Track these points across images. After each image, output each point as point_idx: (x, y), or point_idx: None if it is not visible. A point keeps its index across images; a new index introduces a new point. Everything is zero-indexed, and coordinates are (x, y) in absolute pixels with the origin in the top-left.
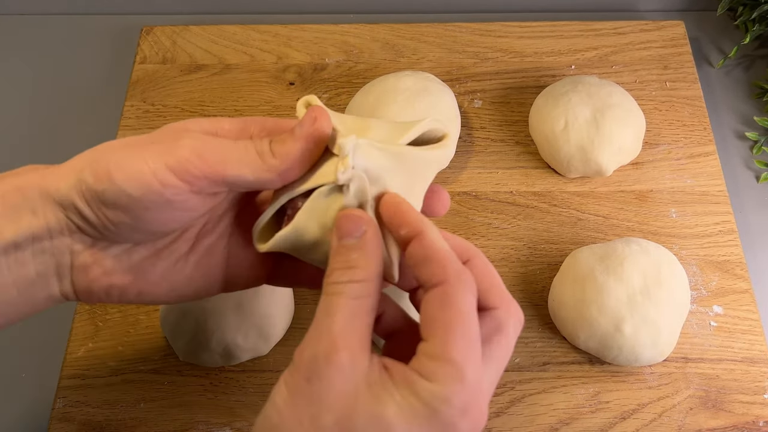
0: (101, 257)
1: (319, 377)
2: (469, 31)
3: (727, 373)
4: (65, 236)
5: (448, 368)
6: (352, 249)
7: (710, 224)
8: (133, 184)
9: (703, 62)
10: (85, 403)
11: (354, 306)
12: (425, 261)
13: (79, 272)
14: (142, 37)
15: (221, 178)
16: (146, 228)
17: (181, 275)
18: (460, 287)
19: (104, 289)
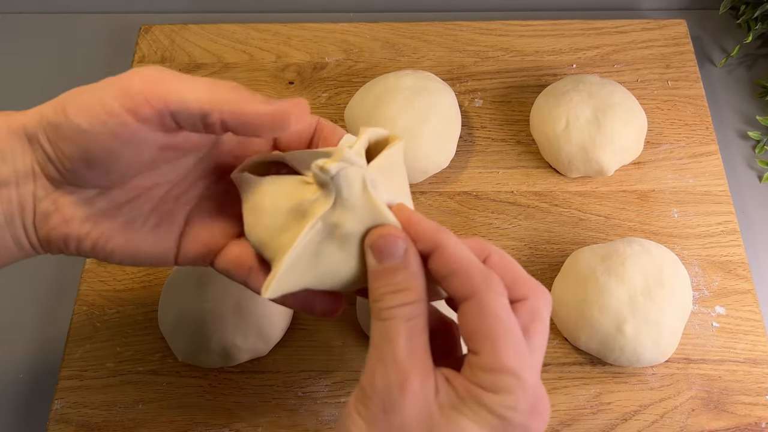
0: (61, 204)
1: (395, 407)
2: (470, 29)
3: (729, 374)
4: (30, 182)
5: (508, 378)
6: (397, 270)
7: (712, 224)
8: (83, 116)
9: (705, 61)
10: (83, 404)
11: (411, 328)
12: (451, 275)
13: (41, 219)
14: (141, 36)
15: (163, 103)
16: (99, 164)
17: (136, 234)
18: (491, 294)
19: (62, 237)
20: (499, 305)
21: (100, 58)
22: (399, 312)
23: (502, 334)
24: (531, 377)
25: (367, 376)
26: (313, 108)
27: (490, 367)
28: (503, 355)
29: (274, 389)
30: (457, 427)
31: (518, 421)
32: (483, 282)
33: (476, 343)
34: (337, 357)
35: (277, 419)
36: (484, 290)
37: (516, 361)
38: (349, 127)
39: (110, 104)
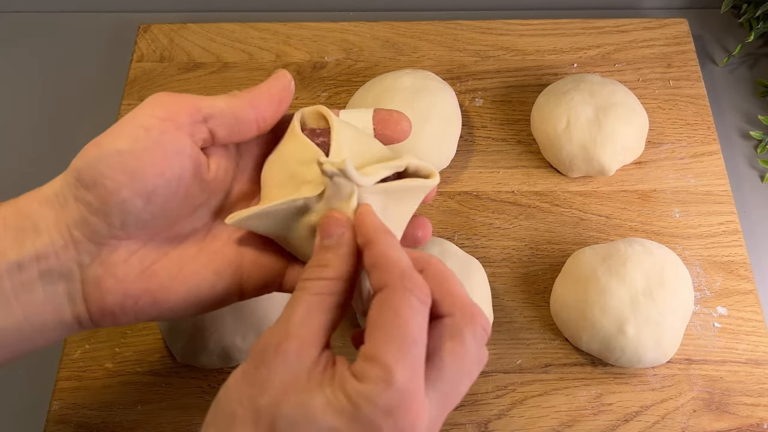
0: (111, 265)
1: (265, 363)
2: (470, 28)
3: (731, 375)
4: (70, 250)
5: (376, 369)
6: (328, 249)
7: (714, 224)
8: (120, 140)
9: (706, 60)
10: (82, 405)
11: (314, 301)
12: (373, 268)
13: (91, 286)
14: (140, 35)
15: (196, 108)
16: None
17: (194, 275)
18: (399, 290)
19: (119, 302)
20: (403, 303)
21: (99, 57)
22: (311, 284)
23: (392, 328)
24: (403, 379)
25: (259, 337)
26: None
27: (368, 355)
28: (382, 346)
29: None
30: (309, 399)
31: (368, 414)
32: (397, 278)
33: (368, 332)
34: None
35: None
36: (394, 284)
37: (393, 358)
38: None
39: (146, 120)
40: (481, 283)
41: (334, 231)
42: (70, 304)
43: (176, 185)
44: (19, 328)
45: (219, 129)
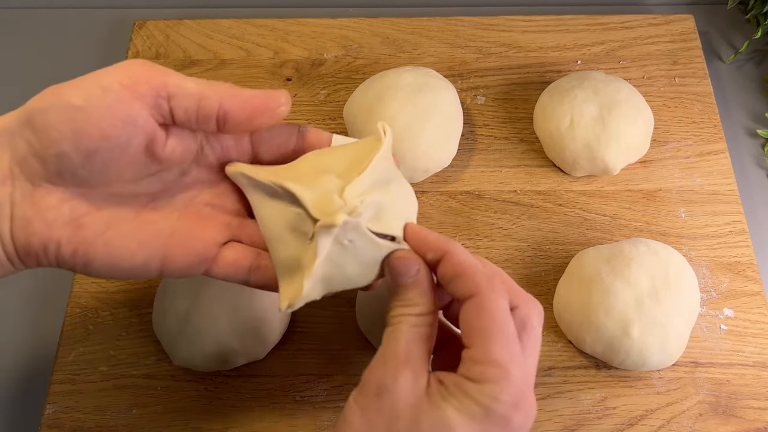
0: (42, 206)
1: (387, 391)
2: (472, 25)
3: (737, 378)
4: (6, 184)
5: (493, 369)
6: (409, 288)
7: (720, 224)
8: (78, 94)
9: (713, 57)
10: (76, 409)
11: (414, 332)
12: (457, 277)
13: (20, 226)
14: (135, 31)
15: (162, 83)
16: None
17: (118, 242)
18: (491, 295)
19: (42, 244)
20: (497, 305)
21: (93, 53)
22: (405, 319)
23: (495, 329)
24: (518, 373)
25: (369, 368)
26: (312, 105)
27: (479, 359)
28: (492, 348)
29: (272, 393)
30: (441, 413)
31: (500, 411)
32: (485, 283)
33: (470, 338)
34: (336, 360)
35: (274, 424)
36: (485, 290)
37: (504, 355)
38: (348, 125)
39: (108, 82)
40: None
41: (407, 270)
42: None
43: (120, 152)
44: None
45: (178, 111)
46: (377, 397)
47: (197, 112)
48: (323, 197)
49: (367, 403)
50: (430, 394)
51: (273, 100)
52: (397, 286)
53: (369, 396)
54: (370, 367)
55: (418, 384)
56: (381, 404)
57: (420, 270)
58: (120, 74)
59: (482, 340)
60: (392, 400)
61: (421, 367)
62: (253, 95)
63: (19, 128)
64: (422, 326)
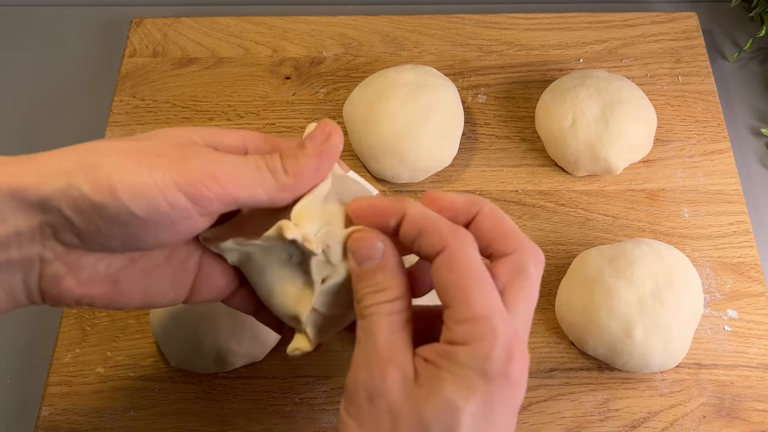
0: (76, 267)
1: (379, 394)
2: (473, 23)
3: (742, 380)
4: (36, 243)
5: (477, 326)
6: (376, 271)
7: (724, 224)
8: (139, 203)
9: (716, 55)
10: (72, 411)
11: (391, 323)
12: (420, 235)
13: (50, 281)
14: (132, 29)
15: (234, 200)
16: (138, 244)
17: (154, 285)
18: (460, 246)
19: (75, 298)
20: (468, 256)
21: (90, 52)
22: (379, 308)
23: (471, 283)
24: (503, 324)
25: (351, 373)
26: (311, 104)
27: (461, 317)
28: (473, 303)
29: (270, 395)
30: (440, 396)
31: (496, 369)
32: (451, 235)
33: (448, 297)
34: (336, 362)
35: (273, 426)
36: (453, 242)
37: (485, 309)
38: (348, 124)
39: (175, 197)
40: None
41: (372, 252)
42: (25, 294)
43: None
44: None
45: (250, 207)
46: (370, 403)
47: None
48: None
49: (361, 413)
50: (421, 381)
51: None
52: (362, 271)
53: (361, 405)
54: (353, 370)
55: (406, 378)
56: (376, 411)
57: (386, 250)
58: (186, 184)
59: (460, 295)
60: (387, 402)
61: (406, 358)
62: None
63: (60, 201)
64: (398, 313)
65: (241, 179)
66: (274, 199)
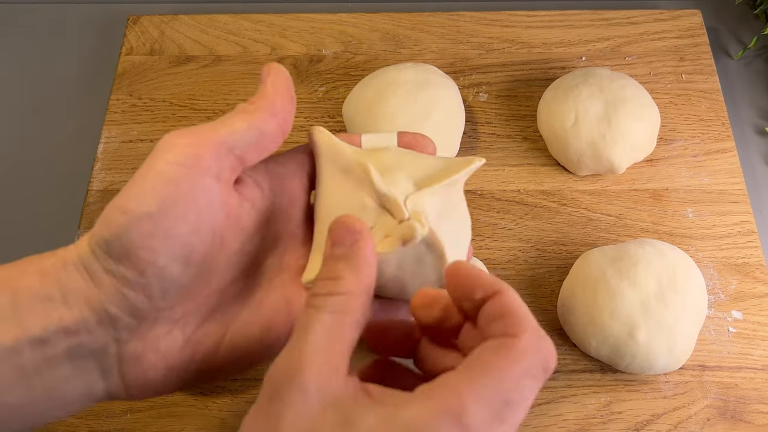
0: (153, 339)
1: (279, 397)
2: (474, 20)
3: (746, 382)
4: (105, 326)
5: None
6: (339, 258)
7: (729, 225)
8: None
9: (721, 53)
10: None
11: (330, 321)
12: (501, 317)
13: (130, 363)
14: (128, 26)
15: (217, 142)
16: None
17: (239, 335)
18: (533, 338)
19: (161, 377)
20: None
21: (86, 49)
22: (323, 301)
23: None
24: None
25: (273, 362)
26: (310, 103)
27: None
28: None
29: None
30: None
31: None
32: (533, 326)
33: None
34: None
35: None
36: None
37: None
38: (348, 122)
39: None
40: None
41: (344, 238)
42: (103, 380)
43: (212, 238)
44: (36, 404)
45: (247, 153)
46: (269, 400)
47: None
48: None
49: (259, 405)
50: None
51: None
52: (330, 254)
53: (262, 396)
54: (276, 358)
55: (322, 391)
56: (270, 411)
57: (358, 242)
58: (174, 155)
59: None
60: (282, 408)
61: (332, 368)
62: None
63: (101, 264)
64: (344, 312)
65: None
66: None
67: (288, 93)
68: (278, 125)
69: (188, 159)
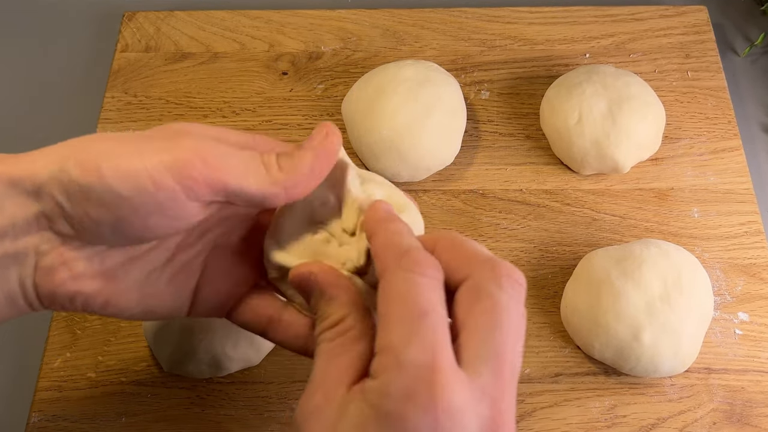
0: (71, 259)
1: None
2: (476, 16)
3: (753, 385)
4: (32, 234)
5: (384, 357)
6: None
7: (735, 225)
8: (125, 183)
9: (727, 50)
10: (63, 417)
11: (328, 348)
12: (375, 258)
13: (44, 275)
14: (124, 23)
15: (222, 187)
16: (128, 231)
17: (152, 288)
18: (397, 271)
19: (69, 295)
20: (400, 281)
21: (81, 46)
22: (321, 336)
23: (394, 308)
24: (415, 355)
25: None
26: (309, 101)
27: (377, 347)
28: (389, 331)
29: (267, 401)
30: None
31: (386, 407)
32: (393, 260)
33: (377, 326)
34: None
35: None
36: (392, 268)
37: (398, 338)
38: (347, 121)
39: (161, 177)
40: None
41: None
42: (20, 289)
43: (161, 235)
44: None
45: (239, 203)
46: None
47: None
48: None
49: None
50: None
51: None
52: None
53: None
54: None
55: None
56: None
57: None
58: (176, 168)
59: (381, 323)
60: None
61: (336, 383)
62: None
63: (54, 187)
64: (340, 335)
65: (232, 166)
66: (265, 194)
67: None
68: (284, 199)
69: (186, 178)
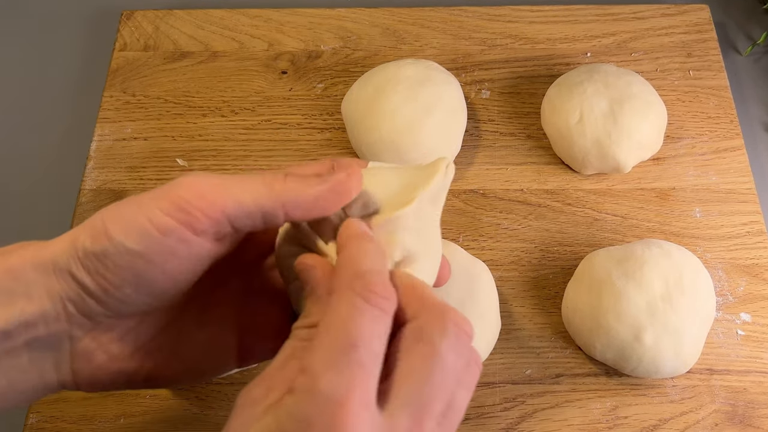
0: (105, 341)
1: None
2: (476, 15)
3: (755, 386)
4: (62, 321)
5: (302, 378)
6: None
7: (737, 225)
8: (132, 236)
9: (729, 49)
10: (61, 419)
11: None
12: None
13: (81, 360)
14: (122, 22)
15: (221, 211)
16: (152, 286)
17: (191, 351)
18: (346, 292)
19: (111, 377)
20: (344, 303)
21: (79, 45)
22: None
23: (326, 331)
24: (332, 386)
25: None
26: (308, 100)
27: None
28: (314, 352)
29: None
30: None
31: (287, 429)
32: (345, 280)
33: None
34: None
35: None
36: (340, 287)
37: (320, 362)
38: (347, 120)
39: (161, 220)
40: (487, 287)
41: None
42: (56, 372)
43: (186, 285)
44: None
45: (243, 228)
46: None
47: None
48: None
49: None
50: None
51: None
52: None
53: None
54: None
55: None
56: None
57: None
58: (172, 208)
59: (314, 344)
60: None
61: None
62: (320, 194)
63: (71, 266)
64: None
65: (229, 190)
66: (264, 208)
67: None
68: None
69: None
